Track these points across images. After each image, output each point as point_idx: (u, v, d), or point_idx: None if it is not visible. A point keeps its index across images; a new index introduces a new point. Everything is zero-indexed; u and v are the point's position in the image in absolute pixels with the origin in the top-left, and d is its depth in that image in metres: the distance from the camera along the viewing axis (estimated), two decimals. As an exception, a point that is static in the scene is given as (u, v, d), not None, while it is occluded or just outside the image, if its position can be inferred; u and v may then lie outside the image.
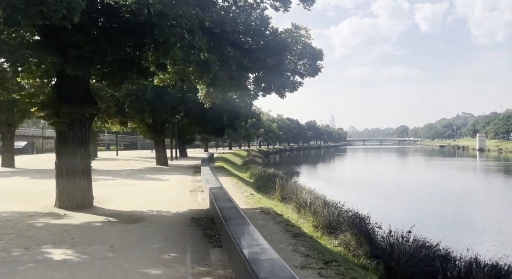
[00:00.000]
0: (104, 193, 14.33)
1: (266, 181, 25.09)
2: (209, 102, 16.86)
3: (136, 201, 12.56)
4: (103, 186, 16.86)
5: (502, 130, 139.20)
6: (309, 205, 14.13)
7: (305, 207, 15.12)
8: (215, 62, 9.75)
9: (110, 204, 11.87)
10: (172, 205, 11.87)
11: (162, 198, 13.38)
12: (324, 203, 15.29)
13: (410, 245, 9.94)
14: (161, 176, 22.15)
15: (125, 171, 26.29)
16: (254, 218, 9.64)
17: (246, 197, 13.82)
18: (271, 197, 19.22)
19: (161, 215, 10.21)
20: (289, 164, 64.80)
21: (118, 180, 19.55)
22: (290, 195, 18.50)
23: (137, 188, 16.28)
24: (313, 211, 13.50)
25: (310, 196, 16.78)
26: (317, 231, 12.31)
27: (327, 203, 15.51)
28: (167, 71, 14.19)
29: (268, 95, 15.69)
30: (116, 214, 10.22)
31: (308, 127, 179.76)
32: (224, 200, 9.07)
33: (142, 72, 11.10)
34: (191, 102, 32.72)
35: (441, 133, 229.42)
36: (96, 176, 22.09)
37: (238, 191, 15.58)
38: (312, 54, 13.61)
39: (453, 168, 52.41)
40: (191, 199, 13.13)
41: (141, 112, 29.21)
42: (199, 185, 17.47)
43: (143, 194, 14.29)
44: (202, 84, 15.17)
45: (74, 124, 10.82)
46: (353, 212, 12.65)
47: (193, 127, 36.78)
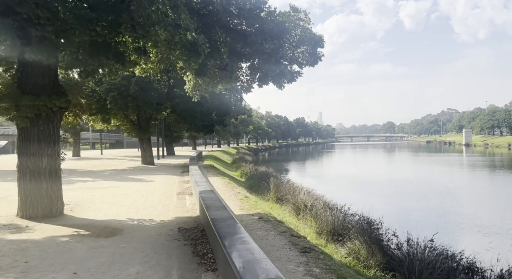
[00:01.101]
0: (80, 198, 12.72)
1: (259, 180, 23.76)
2: (197, 95, 15.35)
3: (115, 207, 11.01)
4: (80, 189, 15.22)
5: (488, 125, 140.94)
6: (310, 208, 12.80)
7: (304, 210, 13.81)
8: (204, 43, 8.27)
9: (85, 212, 10.30)
10: (157, 211, 10.38)
11: (145, 203, 11.85)
12: (325, 206, 14.01)
13: (431, 255, 8.71)
14: (146, 177, 20.54)
15: (108, 172, 24.56)
16: (252, 228, 8.23)
17: (241, 200, 12.41)
18: (265, 198, 17.89)
19: (143, 225, 8.70)
20: (279, 162, 63.58)
21: (98, 182, 17.89)
22: (286, 196, 17.16)
23: (118, 191, 14.70)
24: (314, 215, 12.18)
25: (308, 197, 15.49)
26: (320, 238, 10.99)
27: (328, 205, 14.25)
28: (150, 59, 12.66)
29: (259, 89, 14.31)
30: (89, 224, 8.68)
31: (296, 124, 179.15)
32: (217, 208, 7.63)
33: (119, 58, 9.53)
34: (178, 98, 31.08)
35: (427, 129, 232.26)
36: (75, 177, 20.40)
37: (230, 193, 14.15)
38: (312, 41, 12.23)
39: (446, 164, 51.92)
40: (179, 204, 11.64)
41: (125, 108, 27.45)
42: (187, 186, 15.96)
43: (124, 199, 12.73)
44: (189, 72, 13.69)
45: (39, 119, 9.21)
46: (360, 216, 11.37)
47: (180, 124, 35.08)
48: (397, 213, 19.00)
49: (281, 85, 11.75)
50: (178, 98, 31.05)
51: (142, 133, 31.14)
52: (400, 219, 15.77)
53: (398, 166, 52.10)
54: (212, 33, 10.63)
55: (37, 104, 8.88)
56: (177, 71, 13.57)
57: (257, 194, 18.83)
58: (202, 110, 30.16)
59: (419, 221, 16.69)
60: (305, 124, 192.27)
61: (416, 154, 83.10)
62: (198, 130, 34.43)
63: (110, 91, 25.84)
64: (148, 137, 32.43)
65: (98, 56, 8.96)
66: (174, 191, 14.80)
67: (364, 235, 9.92)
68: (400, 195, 24.91)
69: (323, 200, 15.64)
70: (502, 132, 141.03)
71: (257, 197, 17.01)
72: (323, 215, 12.07)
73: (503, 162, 54.20)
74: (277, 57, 11.01)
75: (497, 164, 51.03)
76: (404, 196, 24.65)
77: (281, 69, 11.33)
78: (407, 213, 18.97)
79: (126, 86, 26.22)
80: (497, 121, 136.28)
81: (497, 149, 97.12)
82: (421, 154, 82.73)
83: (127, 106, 27.20)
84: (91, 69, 9.73)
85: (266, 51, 10.61)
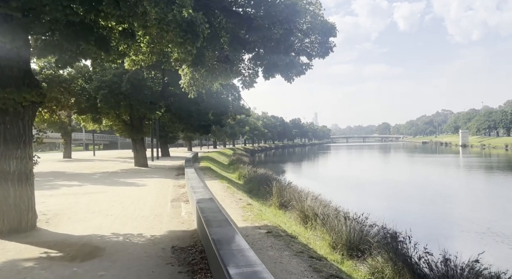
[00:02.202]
0: (61, 206, 11.23)
1: (258, 184, 22.36)
2: (193, 91, 13.93)
3: (100, 218, 9.54)
4: (63, 195, 13.71)
5: (484, 126, 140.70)
6: (321, 217, 11.40)
7: (313, 219, 12.43)
8: (203, 23, 6.84)
9: (63, 224, 8.83)
10: (147, 223, 8.92)
11: (135, 212, 10.39)
12: (336, 213, 12.63)
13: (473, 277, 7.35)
14: (138, 180, 19.04)
15: (98, 174, 23.02)
16: (261, 246, 6.82)
17: (243, 208, 10.99)
18: (267, 203, 16.50)
19: (129, 242, 7.25)
20: (277, 163, 62.20)
21: (85, 187, 16.37)
22: (291, 202, 15.80)
23: (106, 197, 13.21)
24: (327, 225, 10.79)
25: (316, 203, 14.11)
26: (335, 252, 9.61)
27: (339, 213, 12.87)
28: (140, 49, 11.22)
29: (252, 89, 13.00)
30: (64, 242, 7.22)
31: (292, 125, 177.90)
32: (219, 223, 6.22)
33: (102, 43, 8.07)
34: (173, 96, 29.60)
35: (422, 129, 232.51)
36: (61, 181, 18.85)
37: (231, 199, 12.73)
38: (323, 28, 10.85)
39: (447, 165, 50.84)
40: (173, 214, 10.20)
41: (116, 107, 25.89)
42: (183, 192, 14.51)
43: (112, 207, 11.25)
44: (185, 65, 12.26)
45: (5, 116, 7.73)
46: (380, 227, 9.99)
47: (175, 124, 33.55)
48: (414, 220, 17.54)
49: (290, 78, 10.35)
50: (173, 97, 29.58)
51: (135, 134, 29.59)
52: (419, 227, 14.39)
53: (400, 168, 50.89)
54: (211, 16, 9.22)
55: (2, 98, 7.40)
56: (171, 63, 12.13)
57: (258, 199, 17.43)
58: (199, 109, 28.68)
59: (440, 229, 15.32)
60: (301, 125, 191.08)
61: (414, 155, 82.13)
62: (194, 131, 32.94)
63: (100, 89, 24.30)
64: (141, 137, 30.88)
65: (76, 40, 7.50)
66: (168, 197, 13.35)
67: (388, 250, 8.56)
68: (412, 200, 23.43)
69: (332, 207, 14.28)
70: (498, 133, 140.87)
71: (259, 203, 15.61)
72: (336, 226, 10.70)
73: (504, 163, 53.23)
74: (286, 44, 9.61)
75: (501, 165, 50.03)
76: (417, 201, 23.08)
77: (290, 59, 9.92)
78: (425, 221, 17.60)
79: (117, 84, 24.69)
80: (494, 122, 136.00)
81: (494, 150, 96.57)
82: (419, 155, 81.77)
83: (119, 105, 25.66)
84: (69, 56, 8.25)
85: (274, 37, 9.20)
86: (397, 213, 17.19)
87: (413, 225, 14.24)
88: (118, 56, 11.20)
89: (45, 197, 13.03)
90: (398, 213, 17.26)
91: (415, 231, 10.79)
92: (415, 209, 20.26)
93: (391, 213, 16.98)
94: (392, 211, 18.32)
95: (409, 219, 16.43)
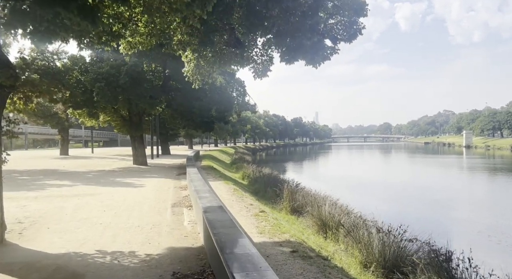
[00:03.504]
0: (43, 212, 9.62)
1: (265, 185, 20.81)
2: (198, 81, 12.30)
3: (86, 228, 7.93)
4: (50, 197, 12.10)
5: (489, 127, 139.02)
6: (347, 228, 9.77)
7: (334, 227, 10.84)
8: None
9: (39, 237, 7.22)
10: (143, 236, 7.32)
11: (129, 220, 8.78)
12: (361, 222, 11.01)
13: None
14: (136, 181, 17.44)
15: (93, 173, 21.42)
16: (290, 273, 5.21)
17: (256, 216, 9.37)
18: (276, 206, 14.93)
19: (118, 264, 5.64)
20: (280, 162, 60.58)
21: (76, 187, 14.77)
22: (305, 207, 14.21)
23: (98, 200, 11.60)
24: (355, 237, 9.18)
25: (335, 209, 12.51)
26: (367, 272, 8.00)
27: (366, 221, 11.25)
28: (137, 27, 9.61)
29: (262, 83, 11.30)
30: (34, 264, 5.60)
31: (294, 124, 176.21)
32: (238, 246, 4.61)
33: (87, 12, 6.42)
34: (175, 91, 27.96)
35: (424, 130, 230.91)
36: (51, 180, 17.25)
37: (240, 204, 11.10)
38: (352, 6, 9.23)
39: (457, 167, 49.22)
40: (174, 223, 8.59)
41: (114, 102, 24.20)
42: (184, 194, 12.90)
43: (103, 213, 9.64)
44: (189, 49, 10.64)
45: (-36, 102, 6.12)
46: (422, 242, 8.36)
47: (176, 120, 31.87)
48: (455, 233, 15.72)
49: (316, 62, 8.71)
50: (175, 92, 27.93)
51: (133, 130, 27.96)
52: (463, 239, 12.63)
53: (409, 170, 49.14)
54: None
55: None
56: (174, 46, 10.51)
57: (266, 202, 15.84)
58: (201, 105, 27.01)
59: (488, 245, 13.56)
60: (302, 124, 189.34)
61: (419, 156, 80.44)
62: (196, 128, 31.30)
63: (96, 81, 22.65)
64: (140, 134, 29.27)
65: (52, 5, 5.86)
66: (168, 201, 11.74)
67: (440, 274, 6.95)
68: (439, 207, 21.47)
69: (354, 214, 12.64)
70: (502, 134, 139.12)
71: (269, 207, 14.01)
72: (366, 238, 9.09)
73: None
74: (312, 21, 7.96)
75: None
76: (444, 207, 21.00)
77: (319, 39, 8.28)
78: (468, 232, 15.88)
79: (115, 76, 23.05)
80: (498, 123, 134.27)
81: (499, 151, 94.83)
82: (424, 156, 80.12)
83: (117, 99, 23.99)
84: (46, 29, 6.60)
85: (299, 11, 7.54)
86: (430, 224, 15.46)
87: (456, 238, 12.44)
88: (111, 37, 9.55)
89: (27, 200, 11.44)
90: (431, 224, 15.54)
91: (460, 244, 9.18)
92: (448, 218, 18.32)
93: (421, 222, 15.28)
94: (421, 220, 16.65)
95: (447, 231, 14.52)
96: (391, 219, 12.22)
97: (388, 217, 12.93)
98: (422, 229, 9.24)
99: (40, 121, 43.51)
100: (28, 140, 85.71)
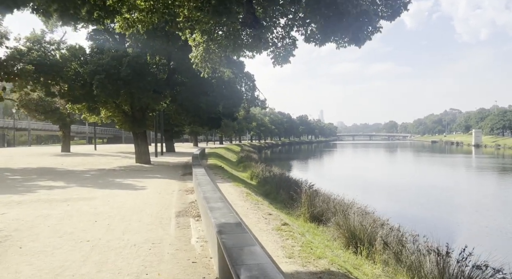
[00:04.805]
0: (22, 222, 8.01)
1: (276, 186, 19.15)
2: (207, 69, 10.60)
3: (67, 249, 6.29)
4: (35, 202, 10.50)
5: (499, 125, 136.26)
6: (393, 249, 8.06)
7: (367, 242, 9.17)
8: None
9: (3, 262, 5.57)
10: (139, 261, 5.66)
11: (124, 235, 7.13)
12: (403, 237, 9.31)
13: None
14: (137, 182, 15.83)
15: (91, 173, 19.85)
16: None
17: (278, 231, 7.69)
18: (293, 212, 13.26)
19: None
20: (286, 160, 58.84)
21: (69, 190, 13.17)
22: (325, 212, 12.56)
23: (90, 207, 9.98)
24: (405, 261, 7.48)
25: (367, 219, 10.82)
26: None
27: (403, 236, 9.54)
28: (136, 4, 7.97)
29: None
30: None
31: (299, 122, 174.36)
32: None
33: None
34: (180, 85, 26.31)
35: (431, 128, 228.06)
36: (43, 181, 15.64)
37: (257, 214, 9.41)
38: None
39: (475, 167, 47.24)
40: (179, 240, 6.93)
41: (115, 96, 22.59)
42: (191, 200, 11.25)
43: (93, 225, 8.00)
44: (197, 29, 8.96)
45: None
46: (494, 269, 6.62)
47: (181, 116, 30.21)
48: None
49: (360, 40, 6.96)
50: (180, 86, 26.28)
51: (136, 127, 26.35)
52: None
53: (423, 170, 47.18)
54: None
55: None
56: (179, 24, 8.81)
57: (280, 206, 14.19)
58: (208, 100, 25.32)
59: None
60: (308, 122, 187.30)
61: (428, 155, 78.32)
62: (203, 124, 29.60)
63: (96, 73, 21.02)
64: (143, 131, 27.69)
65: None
66: (172, 208, 10.10)
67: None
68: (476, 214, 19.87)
69: (387, 224, 10.92)
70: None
71: (282, 212, 12.34)
72: (415, 261, 7.39)
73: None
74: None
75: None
76: (482, 215, 19.35)
77: (363, 10, 6.53)
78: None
79: (116, 68, 21.42)
80: (509, 121, 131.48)
81: (510, 150, 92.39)
82: (435, 155, 78.03)
83: (118, 93, 22.38)
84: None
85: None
86: (478, 237, 13.61)
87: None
88: (104, 13, 7.96)
89: (9, 206, 9.84)
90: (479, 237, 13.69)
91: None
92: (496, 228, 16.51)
93: (468, 234, 13.45)
94: (466, 232, 14.84)
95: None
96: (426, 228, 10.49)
97: (422, 226, 11.20)
98: (483, 248, 7.51)
99: (41, 117, 42.05)
100: (31, 136, 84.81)
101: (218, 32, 9.67)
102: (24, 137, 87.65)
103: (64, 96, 23.66)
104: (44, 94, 24.06)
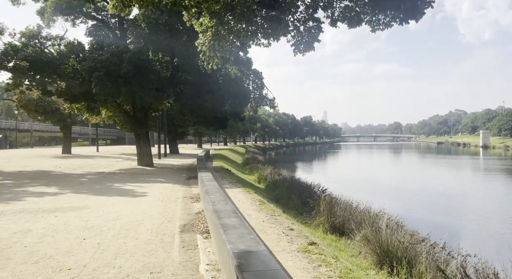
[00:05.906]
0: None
1: (287, 191, 17.70)
2: (216, 59, 9.18)
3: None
4: (19, 213, 9.12)
5: (507, 126, 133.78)
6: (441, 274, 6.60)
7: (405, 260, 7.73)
8: None
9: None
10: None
11: (115, 261, 5.71)
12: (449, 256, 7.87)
13: None
14: (137, 187, 14.44)
15: (89, 176, 18.49)
16: None
17: (306, 253, 6.25)
18: (310, 221, 11.80)
19: None
20: (292, 162, 57.31)
21: (61, 197, 11.79)
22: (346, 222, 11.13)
23: (81, 219, 8.57)
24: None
25: (400, 231, 9.40)
26: None
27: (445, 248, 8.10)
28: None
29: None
30: None
31: (304, 123, 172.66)
32: None
33: None
34: (184, 83, 24.91)
35: (436, 129, 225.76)
36: (34, 186, 14.20)
37: (275, 228, 7.97)
38: None
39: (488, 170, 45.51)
40: (184, 267, 5.50)
41: (115, 94, 21.23)
42: (197, 209, 9.83)
43: (79, 245, 6.58)
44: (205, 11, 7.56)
45: None
46: None
47: (186, 116, 28.81)
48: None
49: (417, 12, 5.49)
50: (184, 84, 24.87)
51: (138, 127, 24.99)
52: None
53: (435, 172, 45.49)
54: None
55: None
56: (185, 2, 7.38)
57: (294, 213, 12.76)
58: (214, 99, 23.91)
59: None
60: (312, 123, 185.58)
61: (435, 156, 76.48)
62: (208, 125, 28.21)
63: (94, 70, 19.67)
64: (146, 132, 26.33)
65: None
66: (175, 219, 8.68)
67: None
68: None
69: (424, 238, 9.44)
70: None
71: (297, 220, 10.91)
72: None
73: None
74: None
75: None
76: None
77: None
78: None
79: (116, 64, 20.06)
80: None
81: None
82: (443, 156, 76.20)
83: (118, 92, 21.00)
84: None
85: None
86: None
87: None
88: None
89: (-14, 218, 8.45)
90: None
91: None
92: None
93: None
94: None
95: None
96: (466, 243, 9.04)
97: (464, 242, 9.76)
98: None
99: (41, 118, 40.89)
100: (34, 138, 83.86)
101: (228, 15, 8.27)
102: (26, 138, 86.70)
103: (62, 95, 22.38)
104: (41, 92, 22.75)
